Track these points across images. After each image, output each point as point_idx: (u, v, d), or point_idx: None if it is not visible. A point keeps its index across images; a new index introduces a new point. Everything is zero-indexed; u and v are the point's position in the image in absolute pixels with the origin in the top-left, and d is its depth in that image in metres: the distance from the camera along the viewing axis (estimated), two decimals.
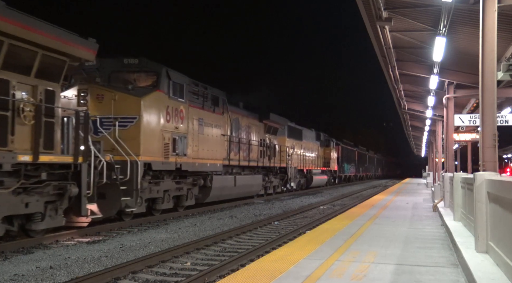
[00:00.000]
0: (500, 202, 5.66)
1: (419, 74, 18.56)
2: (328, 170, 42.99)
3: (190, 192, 17.02)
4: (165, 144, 14.58)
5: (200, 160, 16.97)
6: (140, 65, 14.57)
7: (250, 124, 23.20)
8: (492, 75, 7.99)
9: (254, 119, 24.01)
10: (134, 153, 12.98)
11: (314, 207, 21.36)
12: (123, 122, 13.34)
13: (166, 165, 14.74)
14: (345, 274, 6.04)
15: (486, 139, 7.91)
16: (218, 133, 18.64)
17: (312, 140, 37.86)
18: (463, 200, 10.62)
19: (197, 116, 16.81)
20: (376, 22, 11.93)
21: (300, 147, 33.12)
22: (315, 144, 38.84)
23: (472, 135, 21.70)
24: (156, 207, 15.03)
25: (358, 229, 10.33)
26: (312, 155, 37.24)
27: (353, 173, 59.43)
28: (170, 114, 14.89)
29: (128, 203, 12.85)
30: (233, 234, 12.29)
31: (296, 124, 33.75)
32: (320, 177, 38.72)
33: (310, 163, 36.15)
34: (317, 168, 38.37)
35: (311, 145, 36.98)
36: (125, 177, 12.61)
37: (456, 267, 6.57)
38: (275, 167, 27.23)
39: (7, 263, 8.54)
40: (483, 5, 7.93)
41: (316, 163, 38.50)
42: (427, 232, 10.20)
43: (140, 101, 13.50)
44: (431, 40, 12.78)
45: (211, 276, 7.65)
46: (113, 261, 8.83)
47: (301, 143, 33.52)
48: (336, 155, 46.19)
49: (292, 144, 30.79)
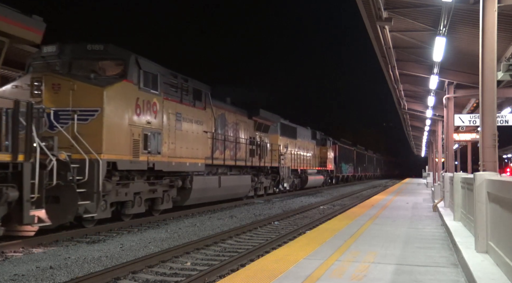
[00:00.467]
0: (500, 202, 5.66)
1: (419, 74, 18.57)
2: (324, 170, 41.42)
3: (167, 195, 15.39)
4: (135, 141, 13.02)
5: (178, 159, 15.39)
6: (105, 52, 12.96)
7: (238, 121, 21.64)
8: (492, 75, 7.99)
9: (243, 116, 22.36)
10: (95, 151, 11.49)
11: (314, 207, 21.35)
12: (83, 115, 11.76)
13: (136, 165, 13.22)
14: (345, 274, 6.04)
15: (486, 139, 7.91)
16: (200, 129, 17.11)
17: (308, 139, 36.32)
18: (463, 200, 10.62)
19: (174, 110, 15.17)
20: (376, 22, 11.93)
21: (294, 145, 31.76)
22: (311, 143, 37.39)
23: (472, 135, 21.71)
24: (125, 212, 13.46)
25: (358, 229, 10.33)
26: (308, 154, 35.76)
27: (351, 173, 57.81)
28: (140, 107, 13.32)
29: (87, 208, 11.40)
30: (233, 234, 12.29)
31: (290, 122, 32.19)
32: (315, 177, 37.27)
33: (305, 163, 34.74)
34: (312, 167, 36.88)
35: (306, 144, 35.54)
36: (83, 178, 11.18)
37: (456, 267, 6.57)
38: (266, 167, 25.56)
39: (7, 263, 8.54)
40: (483, 5, 7.93)
41: (312, 163, 36.95)
42: (427, 232, 10.20)
43: (103, 91, 11.90)
44: (431, 40, 12.78)
45: (211, 276, 7.65)
46: (113, 261, 8.83)
47: (295, 142, 32.12)
48: (333, 155, 44.77)
49: (285, 142, 29.43)
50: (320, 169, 39.63)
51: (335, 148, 46.40)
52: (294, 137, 31.92)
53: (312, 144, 37.77)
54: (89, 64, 12.82)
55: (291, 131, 31.41)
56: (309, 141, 36.53)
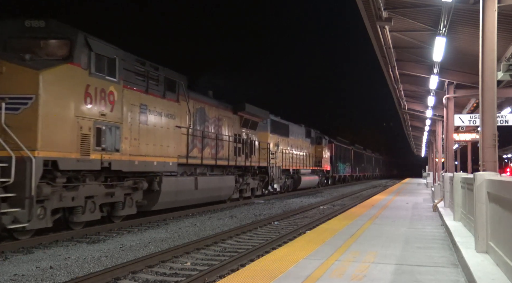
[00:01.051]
0: (500, 202, 5.66)
1: (419, 74, 18.56)
2: (319, 170, 39.09)
3: (129, 198, 13.52)
4: (83, 135, 11.09)
5: (143, 157, 13.39)
6: (47, 30, 11.04)
7: (221, 116, 19.52)
8: (492, 75, 7.99)
9: (227, 111, 20.29)
10: (28, 147, 9.68)
11: (314, 207, 21.35)
12: (13, 104, 9.94)
13: (85, 164, 11.23)
14: (345, 274, 6.04)
15: (486, 139, 7.91)
16: (172, 124, 15.05)
17: (301, 137, 34.14)
18: (463, 200, 10.62)
19: (138, 101, 13.28)
20: (376, 22, 11.93)
21: (286, 144, 29.81)
22: (305, 141, 35.14)
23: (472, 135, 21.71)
24: (74, 219, 11.49)
25: (358, 229, 10.33)
26: (301, 153, 33.52)
27: (348, 173, 55.57)
28: (91, 96, 11.35)
29: (17, 217, 9.56)
30: (233, 234, 12.29)
31: (281, 118, 30.30)
32: (309, 177, 34.98)
33: (299, 162, 32.57)
34: (306, 167, 34.51)
35: (300, 143, 33.42)
36: (8, 180, 9.45)
37: (456, 267, 6.57)
38: (254, 167, 23.45)
39: (7, 263, 8.54)
40: (483, 5, 7.93)
41: (306, 162, 34.56)
42: (427, 232, 10.20)
43: (39, 75, 10.01)
44: (431, 40, 12.78)
45: (211, 276, 7.65)
46: (113, 261, 8.83)
47: (287, 140, 30.08)
48: (329, 154, 42.50)
49: (276, 140, 27.42)
50: (314, 169, 37.35)
51: (331, 147, 44.39)
52: (286, 135, 29.97)
53: (307, 143, 35.60)
54: (28, 44, 10.87)
55: (282, 129, 29.47)
56: (303, 140, 34.45)
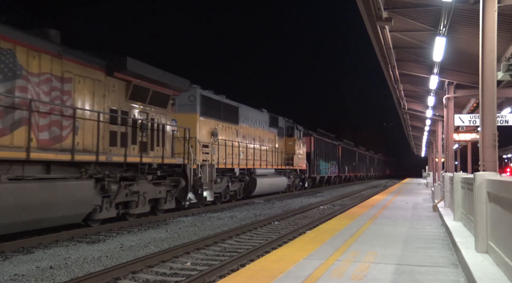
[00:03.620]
0: (500, 202, 5.66)
1: (419, 74, 18.56)
2: (290, 170, 30.97)
3: None
4: None
5: None
6: None
7: (72, 75, 11.62)
8: (492, 75, 7.98)
9: (91, 69, 12.33)
10: None
11: (314, 207, 21.35)
12: None
13: None
14: (345, 274, 6.04)
15: (486, 139, 7.91)
16: None
17: (262, 126, 26.46)
18: (463, 200, 10.62)
19: None
20: (376, 22, 11.93)
21: (233, 133, 22.22)
22: (269, 132, 27.50)
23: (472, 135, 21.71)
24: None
25: (358, 229, 10.32)
26: (261, 147, 25.75)
27: (334, 173, 47.32)
28: None
29: None
30: (233, 234, 12.29)
31: (226, 97, 21.88)
32: (272, 179, 26.67)
33: (255, 159, 24.57)
34: (268, 166, 26.45)
35: (259, 133, 25.80)
36: None
37: (456, 267, 6.57)
38: (153, 165, 14.49)
39: (7, 263, 8.54)
40: (483, 5, 7.93)
41: (268, 159, 26.76)
42: (427, 232, 10.20)
43: None
44: (431, 40, 12.78)
45: (211, 276, 7.65)
46: (113, 261, 8.83)
47: (236, 128, 22.47)
48: (305, 150, 34.23)
49: (211, 127, 19.78)
50: (282, 169, 29.03)
51: (309, 141, 36.82)
52: (233, 121, 22.16)
53: (271, 134, 27.98)
54: None
55: (226, 112, 21.41)
56: (264, 129, 26.73)
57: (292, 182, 31.77)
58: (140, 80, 14.01)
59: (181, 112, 18.15)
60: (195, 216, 16.65)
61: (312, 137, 37.93)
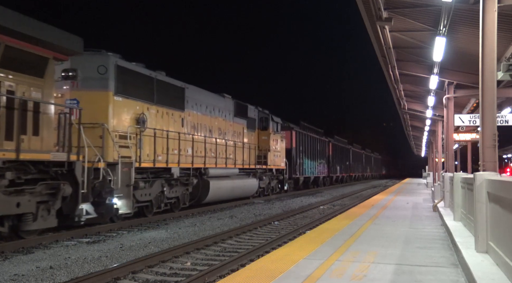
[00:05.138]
0: (500, 202, 5.66)
1: (419, 74, 18.57)
2: (264, 170, 25.42)
3: None
4: None
5: None
6: None
7: None
8: (492, 75, 7.98)
9: None
10: None
11: (314, 207, 21.35)
12: None
13: None
14: (345, 274, 6.04)
15: (486, 139, 7.91)
16: None
17: (224, 115, 20.93)
18: (463, 200, 10.62)
19: None
20: (376, 22, 11.93)
21: (176, 122, 16.69)
22: (234, 123, 22.05)
23: (472, 135, 21.69)
24: None
25: (358, 229, 10.32)
26: (220, 141, 20.31)
27: (323, 174, 42.33)
28: None
29: None
30: (233, 234, 12.29)
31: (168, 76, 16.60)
32: (235, 182, 21.42)
33: (210, 156, 19.15)
34: (229, 165, 20.98)
35: (219, 124, 20.38)
36: None
37: (456, 267, 6.57)
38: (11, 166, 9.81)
39: (7, 263, 8.54)
40: (483, 5, 7.93)
41: (231, 157, 21.27)
42: (427, 232, 10.19)
43: None
44: (431, 40, 12.78)
45: (211, 276, 7.65)
46: (113, 261, 8.84)
47: (181, 115, 17.05)
48: (284, 146, 28.76)
49: (137, 111, 14.35)
50: (251, 169, 23.66)
51: (289, 135, 32.06)
52: (176, 105, 16.79)
53: (238, 126, 22.55)
54: None
55: (163, 92, 15.94)
56: (226, 120, 21.24)
57: (267, 184, 26.39)
58: None
59: (87, 89, 12.99)
60: (195, 216, 16.65)
61: (293, 131, 32.97)
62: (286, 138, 30.06)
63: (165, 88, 16.06)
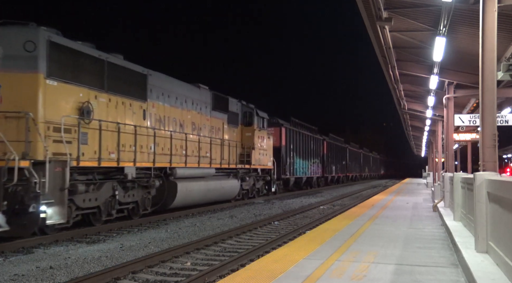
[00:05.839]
0: (500, 202, 5.66)
1: (419, 74, 18.57)
2: (247, 170, 22.96)
3: None
4: None
5: None
6: None
7: None
8: (492, 75, 7.98)
9: None
10: None
11: (314, 207, 21.35)
12: None
13: None
14: (345, 274, 6.04)
15: (486, 139, 7.91)
16: None
17: (199, 108, 18.40)
18: (463, 200, 10.62)
19: None
20: (376, 22, 11.93)
21: (136, 113, 14.26)
22: (212, 117, 19.51)
23: (472, 135, 21.70)
24: None
25: (358, 229, 10.32)
26: (194, 137, 17.88)
27: (317, 174, 39.79)
28: None
29: None
30: (233, 234, 12.29)
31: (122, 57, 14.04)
32: (209, 183, 18.65)
33: (178, 154, 16.68)
34: (204, 164, 18.40)
35: (193, 117, 17.88)
36: None
37: (456, 267, 6.57)
38: None
39: (7, 263, 8.55)
40: (483, 5, 7.93)
41: (205, 155, 18.71)
42: (427, 232, 10.19)
43: None
44: (431, 40, 12.78)
45: (211, 276, 7.65)
46: (113, 261, 8.84)
47: (142, 106, 14.60)
48: (271, 143, 26.25)
49: (79, 99, 12.07)
50: (232, 169, 21.24)
51: (278, 132, 29.80)
52: (135, 94, 14.31)
53: (217, 121, 20.05)
54: None
55: (117, 78, 13.49)
56: (202, 113, 18.69)
57: (251, 186, 23.81)
58: None
59: (9, 70, 10.71)
60: (195, 216, 16.65)
61: (283, 127, 30.40)
62: (274, 135, 28.32)
63: (120, 74, 13.57)
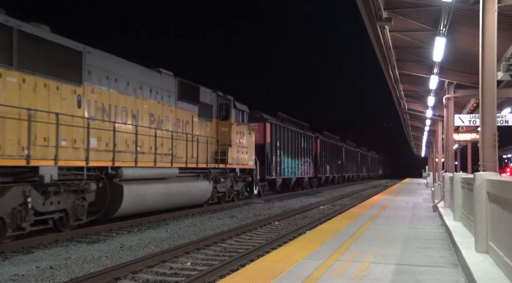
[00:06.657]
0: (500, 202, 5.66)
1: (419, 74, 18.57)
2: (223, 170, 19.95)
3: None
4: None
5: None
6: None
7: None
8: (492, 75, 7.99)
9: None
10: None
11: (314, 207, 21.35)
12: None
13: None
14: (345, 274, 6.04)
15: (486, 139, 7.91)
16: None
17: (160, 97, 15.69)
18: (463, 200, 10.62)
19: None
20: (376, 22, 11.93)
21: (67, 99, 11.58)
22: (178, 108, 16.82)
23: (472, 135, 21.70)
24: None
25: (358, 229, 10.32)
26: (150, 131, 14.96)
27: (308, 174, 36.65)
28: None
29: None
30: (233, 234, 12.29)
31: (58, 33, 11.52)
32: (170, 186, 15.72)
33: (129, 151, 13.82)
34: (164, 164, 15.58)
35: (151, 108, 15.18)
36: None
37: (456, 267, 6.57)
38: None
39: (7, 263, 8.55)
40: (483, 5, 7.93)
41: (167, 152, 15.94)
42: (427, 232, 10.19)
43: None
44: (431, 40, 12.78)
45: (211, 276, 7.65)
46: (113, 261, 8.84)
47: (77, 91, 11.94)
48: (252, 140, 23.38)
49: None
50: (202, 169, 18.16)
51: (262, 128, 26.75)
52: (69, 77, 11.70)
53: (184, 113, 17.32)
54: None
55: (33, 52, 10.61)
56: (164, 103, 15.99)
57: (229, 188, 20.91)
58: None
59: None
60: (195, 216, 16.66)
61: (267, 123, 27.10)
62: (258, 131, 25.58)
63: (40, 48, 10.80)
